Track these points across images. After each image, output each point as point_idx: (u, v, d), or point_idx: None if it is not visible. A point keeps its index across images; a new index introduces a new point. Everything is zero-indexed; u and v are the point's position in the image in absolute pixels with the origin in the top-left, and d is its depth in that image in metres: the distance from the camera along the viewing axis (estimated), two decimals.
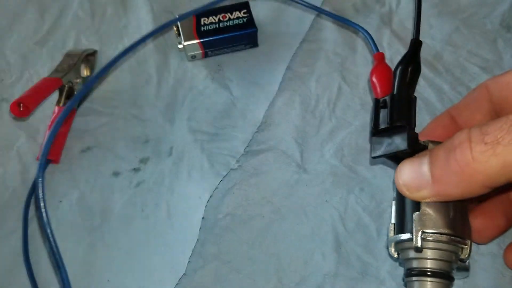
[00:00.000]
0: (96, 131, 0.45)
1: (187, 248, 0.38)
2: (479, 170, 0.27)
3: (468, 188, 0.28)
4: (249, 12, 0.48)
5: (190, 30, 0.47)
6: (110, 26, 0.51)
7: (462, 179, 0.28)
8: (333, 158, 0.42)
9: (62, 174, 0.43)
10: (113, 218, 0.40)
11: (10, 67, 0.49)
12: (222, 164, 0.41)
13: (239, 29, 0.48)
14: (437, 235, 0.31)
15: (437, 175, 0.29)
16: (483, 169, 0.26)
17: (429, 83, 0.45)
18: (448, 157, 0.28)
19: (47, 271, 0.38)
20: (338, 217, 0.39)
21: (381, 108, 0.36)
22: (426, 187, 0.30)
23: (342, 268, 0.37)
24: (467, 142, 0.27)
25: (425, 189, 0.30)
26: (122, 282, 0.38)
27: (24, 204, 0.41)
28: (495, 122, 0.27)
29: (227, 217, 0.40)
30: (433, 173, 0.29)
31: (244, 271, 0.37)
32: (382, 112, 0.36)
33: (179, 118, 0.45)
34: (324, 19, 0.50)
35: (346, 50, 0.48)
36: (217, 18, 0.48)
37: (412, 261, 0.33)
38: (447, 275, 0.32)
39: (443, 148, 0.29)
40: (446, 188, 0.29)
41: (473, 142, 0.27)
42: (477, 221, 0.35)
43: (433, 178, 0.30)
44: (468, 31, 0.48)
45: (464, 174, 0.27)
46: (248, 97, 0.46)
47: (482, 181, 0.27)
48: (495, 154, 0.26)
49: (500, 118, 0.27)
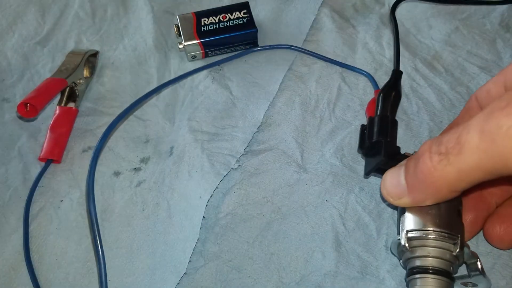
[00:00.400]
0: (97, 131, 0.45)
1: (188, 247, 0.38)
2: (440, 178, 0.29)
3: (437, 194, 0.31)
4: (249, 12, 0.49)
5: (191, 30, 0.48)
6: (111, 26, 0.51)
7: (429, 186, 0.30)
8: (333, 158, 0.42)
9: (63, 174, 0.43)
10: (114, 217, 0.40)
11: (11, 67, 0.49)
12: (223, 163, 0.42)
13: (239, 29, 0.48)
14: (421, 232, 0.33)
15: (410, 184, 0.31)
16: (443, 177, 0.28)
17: (429, 83, 0.45)
18: (415, 167, 0.30)
19: (49, 270, 0.38)
20: (338, 217, 0.39)
21: (364, 131, 0.40)
22: (405, 195, 0.32)
23: (342, 267, 0.37)
24: (428, 152, 0.29)
25: (404, 197, 0.32)
26: (123, 281, 0.38)
27: (25, 203, 0.41)
28: (448, 133, 0.28)
29: (227, 217, 0.40)
30: (407, 182, 0.32)
31: (244, 270, 0.38)
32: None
33: (179, 118, 0.45)
34: (324, 19, 0.50)
35: (346, 50, 0.48)
36: (217, 19, 0.48)
37: (406, 262, 0.35)
38: (439, 271, 0.32)
39: (413, 158, 0.31)
40: (419, 195, 0.31)
41: (432, 152, 0.29)
42: (496, 227, 0.35)
43: (407, 187, 0.32)
44: (467, 31, 0.49)
45: (428, 182, 0.29)
46: (248, 97, 0.46)
47: (446, 187, 0.29)
48: (449, 163, 0.27)
49: (454, 129, 0.28)
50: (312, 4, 0.51)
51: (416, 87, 0.45)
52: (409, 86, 0.45)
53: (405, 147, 0.42)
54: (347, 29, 0.50)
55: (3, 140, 0.45)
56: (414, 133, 0.43)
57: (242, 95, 0.46)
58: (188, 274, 0.37)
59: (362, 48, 0.48)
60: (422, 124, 0.43)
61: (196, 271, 0.38)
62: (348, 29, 0.50)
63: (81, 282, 0.38)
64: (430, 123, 0.43)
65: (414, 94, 0.45)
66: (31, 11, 0.52)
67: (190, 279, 0.37)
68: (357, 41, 0.49)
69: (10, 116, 0.46)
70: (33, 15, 0.52)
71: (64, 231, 0.40)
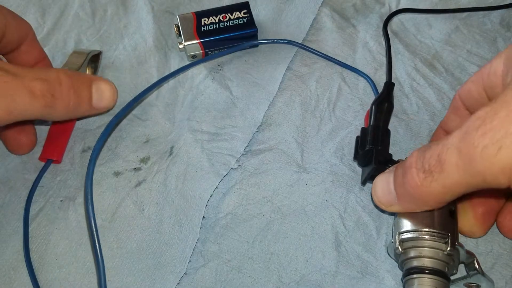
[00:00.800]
0: (97, 131, 0.45)
1: (188, 247, 0.38)
2: (427, 193, 0.30)
3: (425, 206, 0.32)
4: (249, 12, 0.48)
5: (191, 30, 0.48)
6: (111, 26, 0.51)
7: (417, 198, 0.31)
8: (333, 158, 0.42)
9: (63, 174, 0.43)
10: (114, 217, 0.40)
11: None
12: (222, 163, 0.42)
13: (239, 29, 0.48)
14: (412, 233, 0.34)
15: (399, 194, 0.33)
16: (429, 192, 0.30)
17: (429, 83, 0.45)
18: (403, 178, 0.31)
19: (48, 270, 0.38)
20: (338, 216, 0.39)
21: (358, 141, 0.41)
22: (395, 203, 0.33)
23: (342, 266, 0.37)
24: (413, 167, 0.30)
25: (395, 205, 0.33)
26: (123, 281, 0.38)
27: (25, 203, 0.41)
28: (431, 148, 0.29)
29: (227, 216, 0.40)
30: (396, 191, 0.33)
31: (244, 270, 0.38)
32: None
33: (179, 118, 0.45)
34: (324, 19, 0.50)
35: (346, 50, 0.48)
36: (217, 18, 0.48)
37: (401, 264, 0.35)
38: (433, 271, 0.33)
39: (401, 168, 0.32)
40: (409, 204, 0.33)
41: (417, 168, 0.30)
42: (508, 219, 0.36)
43: (397, 195, 0.33)
44: (467, 30, 0.49)
45: (416, 195, 0.31)
46: (248, 97, 0.46)
47: (433, 200, 0.30)
48: (434, 180, 0.29)
49: (435, 144, 0.29)
50: (312, 4, 0.51)
51: (416, 87, 0.45)
52: (409, 85, 0.45)
53: (405, 147, 0.42)
54: (347, 28, 0.50)
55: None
56: (414, 133, 0.43)
57: (242, 95, 0.46)
58: (188, 274, 0.37)
59: (363, 48, 0.48)
60: (422, 124, 0.43)
61: (196, 271, 0.38)
62: (348, 28, 0.50)
63: (81, 282, 0.38)
64: (430, 123, 0.43)
65: (414, 93, 0.45)
66: (31, 11, 0.52)
67: (190, 279, 0.37)
68: (357, 40, 0.49)
69: None
70: (33, 15, 0.52)
71: (64, 231, 0.40)
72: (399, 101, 0.45)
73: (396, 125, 0.43)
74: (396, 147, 0.42)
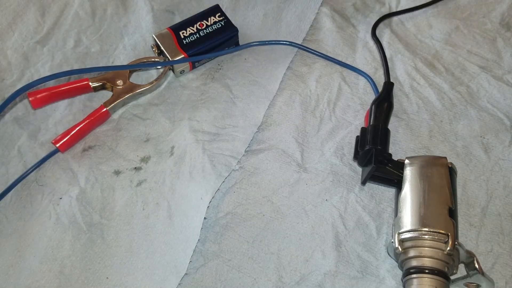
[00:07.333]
0: (97, 130, 0.45)
1: (188, 248, 0.38)
2: None
3: None
4: (224, 15, 0.48)
5: (173, 46, 0.46)
6: (111, 26, 0.51)
7: None
8: (333, 157, 0.42)
9: (63, 172, 0.43)
10: (113, 216, 0.40)
11: (11, 66, 0.49)
12: (224, 165, 0.41)
13: (220, 33, 0.47)
14: (412, 233, 0.34)
15: None
16: None
17: (429, 83, 0.45)
18: None
19: (43, 262, 0.38)
20: (338, 216, 0.39)
21: (358, 141, 0.41)
22: None
23: (342, 266, 0.37)
24: None
25: None
26: (122, 280, 0.38)
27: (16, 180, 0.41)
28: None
29: (227, 216, 0.40)
30: None
31: (244, 269, 0.38)
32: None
33: (179, 117, 0.45)
34: (324, 19, 0.50)
35: (346, 50, 0.48)
36: (195, 28, 0.47)
37: (401, 263, 0.35)
38: (433, 270, 0.33)
39: None
40: None
41: None
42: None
43: None
44: (467, 30, 0.49)
45: None
46: (249, 96, 0.46)
47: None
48: None
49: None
50: (312, 4, 0.51)
51: (416, 87, 0.45)
52: (409, 85, 0.45)
53: (405, 146, 0.42)
54: (347, 28, 0.50)
55: (3, 140, 0.45)
56: (414, 132, 0.43)
57: (242, 94, 0.46)
58: (188, 273, 0.37)
59: (363, 47, 0.48)
60: (422, 123, 0.43)
61: (196, 271, 0.38)
62: (348, 28, 0.50)
63: (78, 277, 0.38)
64: (430, 123, 0.43)
65: (414, 93, 0.45)
66: (31, 10, 0.52)
67: (190, 278, 0.37)
68: (358, 40, 0.49)
69: (10, 116, 0.46)
70: (33, 14, 0.52)
71: (61, 226, 0.40)
72: (399, 101, 0.45)
73: (396, 125, 0.43)
74: (396, 146, 0.42)
